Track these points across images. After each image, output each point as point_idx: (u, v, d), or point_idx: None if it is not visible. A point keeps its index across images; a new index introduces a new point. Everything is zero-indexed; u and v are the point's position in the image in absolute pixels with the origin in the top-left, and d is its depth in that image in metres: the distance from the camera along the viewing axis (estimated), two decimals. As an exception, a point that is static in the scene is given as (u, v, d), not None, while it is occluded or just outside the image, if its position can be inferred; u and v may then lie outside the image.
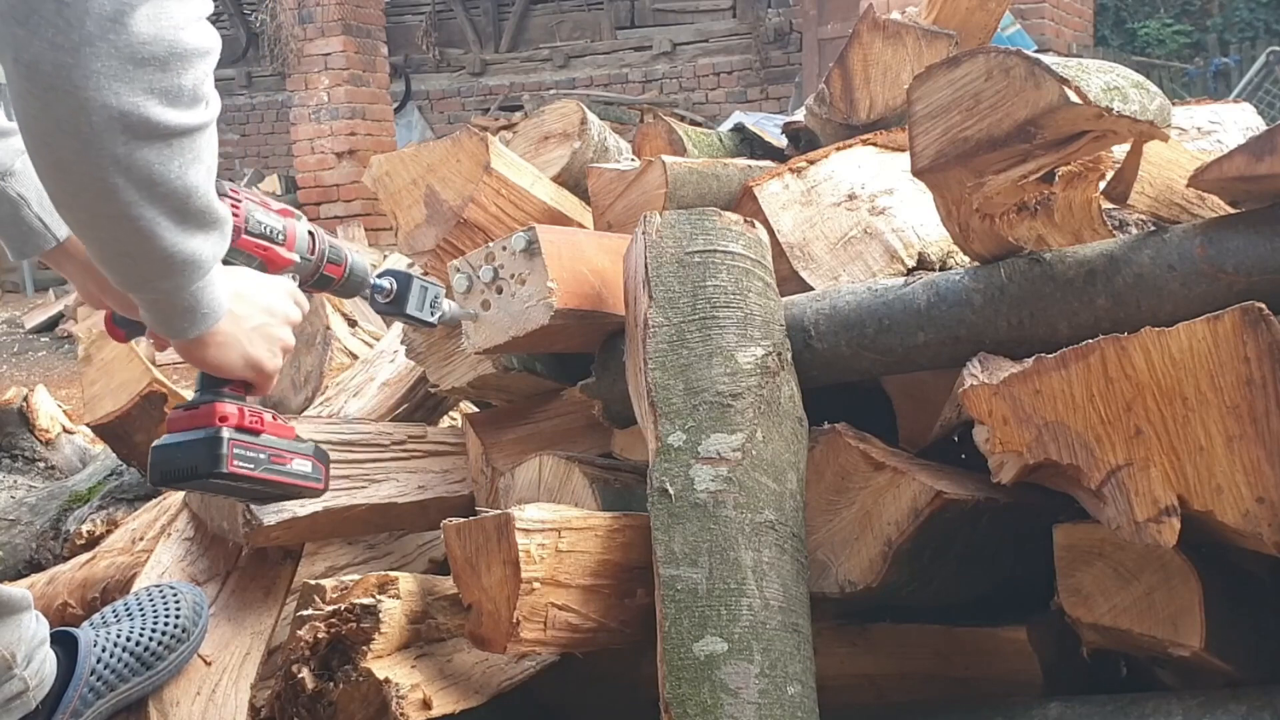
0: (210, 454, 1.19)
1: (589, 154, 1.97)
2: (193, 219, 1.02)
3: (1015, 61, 1.14)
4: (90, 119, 0.92)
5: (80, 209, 1.00)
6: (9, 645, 1.29)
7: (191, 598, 1.51)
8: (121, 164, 0.95)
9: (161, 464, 1.21)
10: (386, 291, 1.43)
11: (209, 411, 1.20)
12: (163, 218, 0.99)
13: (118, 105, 0.92)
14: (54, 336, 8.02)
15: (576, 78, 11.65)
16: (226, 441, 1.19)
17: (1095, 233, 1.36)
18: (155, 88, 0.94)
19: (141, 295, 1.08)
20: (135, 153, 0.95)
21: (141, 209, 0.98)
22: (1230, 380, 1.08)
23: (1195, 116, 1.89)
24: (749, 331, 1.32)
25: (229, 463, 1.19)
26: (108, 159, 0.94)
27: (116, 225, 0.99)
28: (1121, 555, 1.23)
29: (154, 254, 1.01)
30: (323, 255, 1.35)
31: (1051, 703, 1.27)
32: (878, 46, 2.00)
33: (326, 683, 1.29)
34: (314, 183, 8.49)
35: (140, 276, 1.05)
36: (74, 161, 0.95)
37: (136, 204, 0.97)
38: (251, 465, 1.22)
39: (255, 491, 1.28)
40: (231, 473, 1.19)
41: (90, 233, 1.02)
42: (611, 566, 1.28)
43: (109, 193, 0.96)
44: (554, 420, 1.77)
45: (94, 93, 0.91)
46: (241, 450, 1.21)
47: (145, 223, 0.99)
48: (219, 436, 1.19)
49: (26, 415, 3.05)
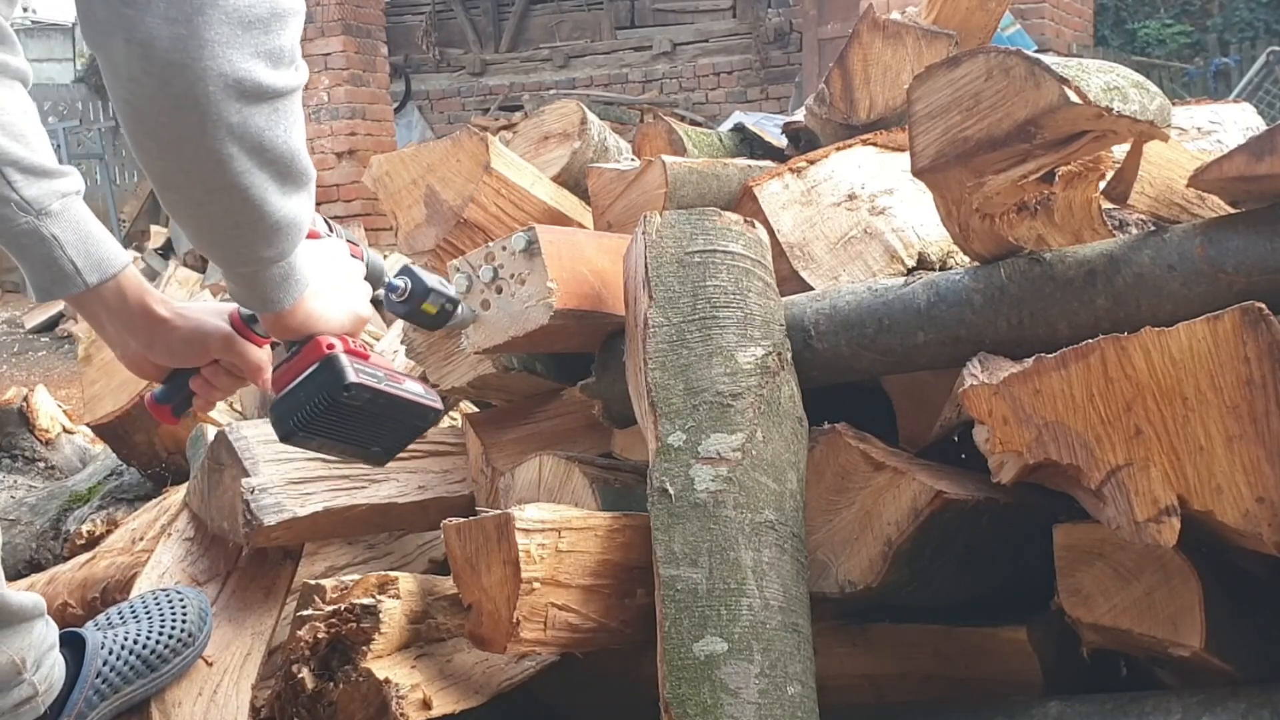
0: (334, 372, 1.14)
1: (589, 154, 1.97)
2: (294, 180, 1.04)
3: (1015, 61, 1.14)
4: (208, 88, 0.92)
5: (193, 186, 0.99)
6: (19, 651, 1.29)
7: (197, 603, 1.51)
8: (236, 132, 0.95)
9: (289, 414, 1.16)
10: (401, 290, 1.40)
11: (313, 347, 1.16)
12: (271, 182, 1.01)
13: (232, 72, 0.93)
14: (54, 336, 8.02)
15: (576, 78, 11.65)
16: (344, 358, 1.16)
17: (1095, 233, 1.36)
18: (261, 50, 0.95)
19: (243, 270, 1.08)
20: (249, 119, 0.96)
21: (253, 176, 0.99)
22: (1230, 380, 1.08)
23: (1195, 116, 1.89)
24: (749, 331, 1.32)
25: (356, 374, 1.15)
26: (223, 128, 0.95)
27: (228, 195, 0.99)
28: (1121, 555, 1.23)
29: (263, 221, 1.02)
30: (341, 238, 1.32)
31: (1051, 702, 1.27)
32: (878, 46, 2.00)
33: (326, 683, 1.29)
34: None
35: (247, 248, 1.05)
36: (191, 136, 0.95)
37: (248, 171, 0.98)
38: (376, 379, 1.17)
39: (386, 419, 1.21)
40: (361, 384, 1.15)
41: (200, 211, 1.02)
42: (611, 566, 1.28)
43: (223, 163, 0.97)
44: (554, 420, 1.78)
45: (210, 61, 0.92)
46: (360, 365, 1.17)
47: (256, 190, 1.00)
48: (335, 355, 1.15)
49: (26, 415, 3.05)
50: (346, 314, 1.20)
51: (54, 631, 1.36)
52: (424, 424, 1.27)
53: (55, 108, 11.41)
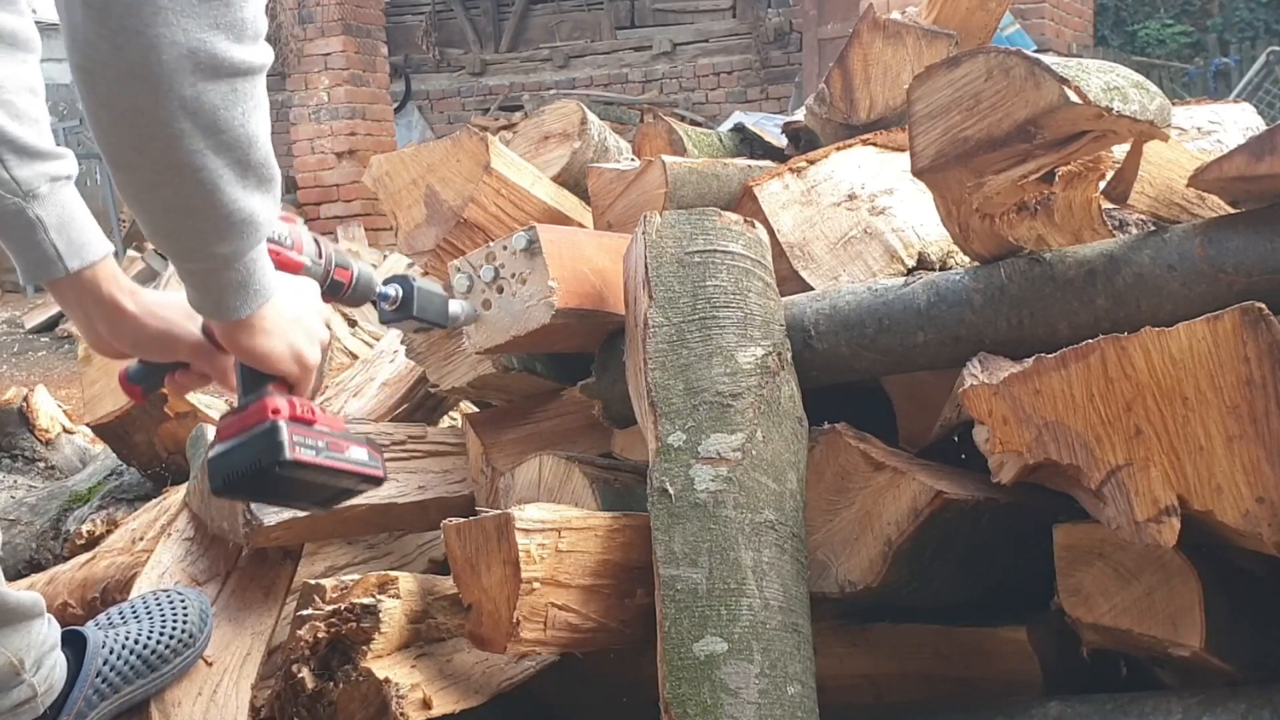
0: (271, 443, 1.12)
1: (589, 154, 1.97)
2: (253, 172, 1.00)
3: (1015, 61, 1.14)
4: (161, 57, 0.90)
5: (145, 165, 0.97)
6: (18, 651, 1.28)
7: (198, 603, 1.51)
8: (189, 106, 0.93)
9: (221, 471, 1.14)
10: (393, 299, 1.39)
11: (259, 408, 1.14)
12: (226, 169, 0.98)
13: (186, 42, 0.91)
14: (54, 336, 8.01)
15: (576, 78, 11.65)
16: (285, 429, 1.13)
17: (1095, 233, 1.36)
18: (220, 22, 0.93)
19: (196, 265, 1.05)
20: (202, 95, 0.93)
21: (206, 158, 0.96)
22: (1230, 380, 1.08)
23: (1195, 116, 1.89)
24: (749, 331, 1.32)
25: (292, 449, 1.12)
26: (176, 101, 0.92)
27: (180, 177, 0.97)
28: (1121, 555, 1.23)
29: (216, 210, 0.99)
30: (330, 260, 1.31)
31: (1051, 702, 1.27)
32: (878, 46, 2.00)
33: (326, 682, 1.29)
34: (314, 183, 8.49)
35: (199, 239, 1.02)
36: (144, 107, 0.93)
37: (201, 152, 0.96)
38: (313, 452, 1.15)
39: (319, 485, 1.19)
40: (296, 460, 1.13)
41: (153, 195, 1.00)
42: (611, 566, 1.28)
43: (176, 139, 0.94)
44: (554, 420, 1.78)
45: (164, 29, 0.90)
46: (301, 438, 1.14)
47: (209, 173, 0.97)
48: (276, 425, 1.13)
49: (26, 415, 3.05)
50: (295, 355, 1.16)
51: (56, 631, 1.36)
52: (363, 489, 1.25)
53: (56, 108, 11.41)
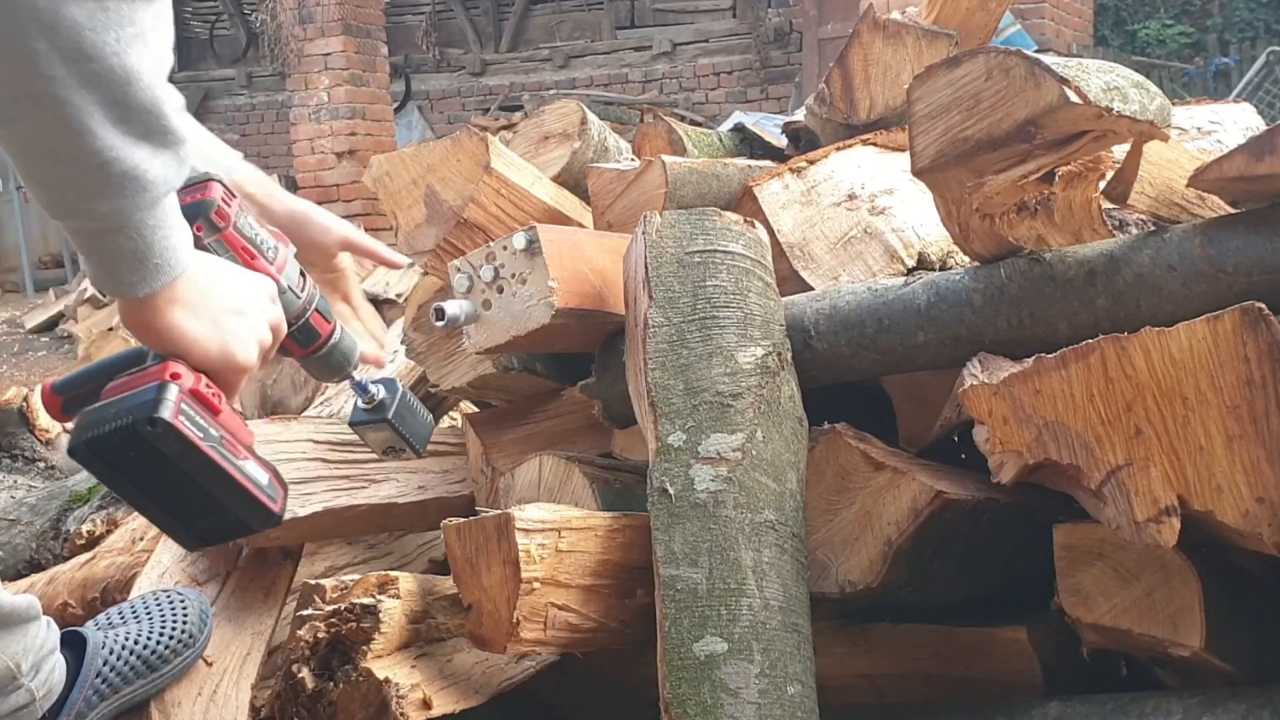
0: (151, 400, 0.94)
1: (589, 154, 1.97)
2: (135, 119, 0.86)
3: (1015, 61, 1.14)
4: None
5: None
6: (14, 655, 1.27)
7: (198, 604, 1.51)
8: (44, 20, 0.80)
9: (87, 428, 0.96)
10: (370, 396, 1.23)
11: (158, 370, 0.98)
12: (96, 108, 0.84)
13: None
14: (54, 336, 8.02)
15: (576, 78, 11.65)
16: (174, 390, 0.96)
17: (1095, 233, 1.36)
18: None
19: (78, 223, 0.91)
20: (61, 8, 0.80)
21: (69, 90, 0.82)
22: (1230, 380, 1.08)
23: (1195, 116, 1.89)
24: (749, 331, 1.32)
25: (175, 415, 0.95)
26: (28, 12, 0.79)
27: (39, 109, 0.83)
28: (1121, 555, 1.23)
29: (85, 156, 0.85)
30: (312, 299, 1.17)
31: (1051, 702, 1.27)
32: (878, 46, 2.00)
33: (326, 683, 1.29)
34: (314, 183, 8.48)
35: (72, 192, 0.88)
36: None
37: (63, 81, 0.82)
38: (200, 434, 0.97)
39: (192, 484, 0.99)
40: (175, 428, 0.95)
41: (11, 130, 0.86)
42: (611, 566, 1.29)
43: (29, 61, 0.81)
44: (554, 420, 1.78)
45: None
46: (192, 413, 0.97)
47: (73, 109, 0.83)
48: (166, 384, 0.96)
49: (26, 415, 3.06)
50: (223, 348, 1.01)
51: (55, 635, 1.35)
52: (251, 522, 1.05)
53: None
